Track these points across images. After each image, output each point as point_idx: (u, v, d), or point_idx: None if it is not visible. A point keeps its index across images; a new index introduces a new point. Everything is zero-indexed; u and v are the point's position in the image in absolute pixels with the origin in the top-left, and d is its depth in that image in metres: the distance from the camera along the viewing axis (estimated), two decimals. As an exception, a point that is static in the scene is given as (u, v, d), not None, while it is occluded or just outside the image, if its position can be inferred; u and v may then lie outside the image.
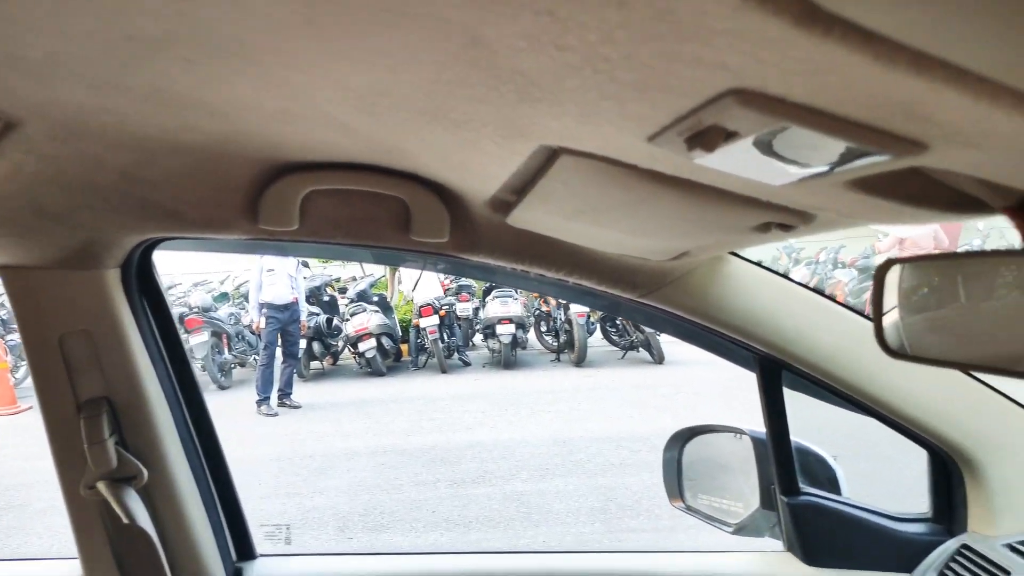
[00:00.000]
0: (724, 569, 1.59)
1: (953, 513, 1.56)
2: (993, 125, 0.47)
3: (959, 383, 1.48)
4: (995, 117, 0.45)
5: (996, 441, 1.48)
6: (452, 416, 8.48)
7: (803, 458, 1.62)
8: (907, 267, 0.74)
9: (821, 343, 1.46)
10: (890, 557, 1.55)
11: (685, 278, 1.40)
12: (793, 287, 1.48)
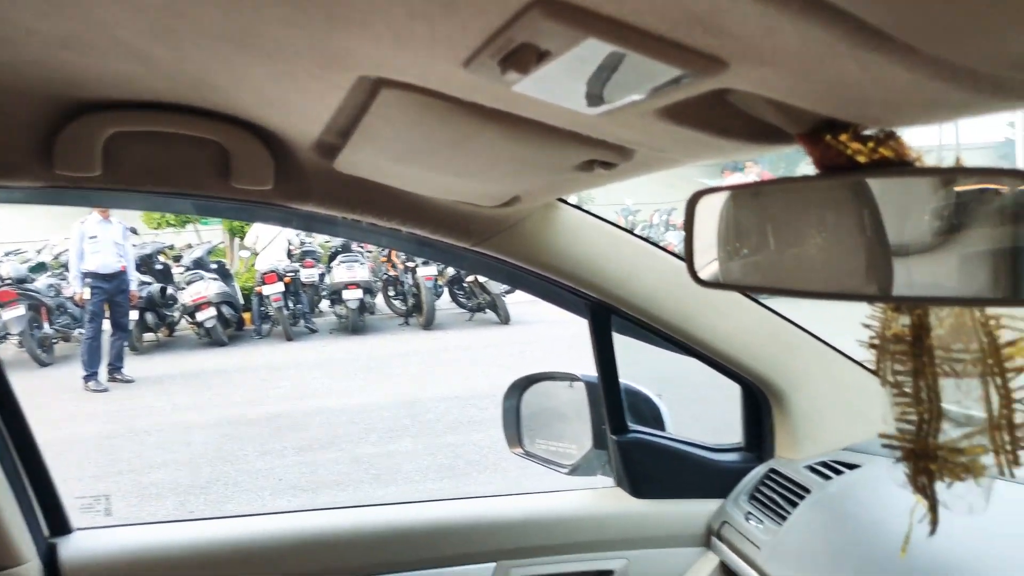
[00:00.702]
0: (560, 508, 1.65)
1: (762, 441, 1.69)
2: (784, 40, 0.49)
3: (766, 320, 1.59)
4: (785, 30, 0.48)
5: (798, 373, 1.61)
6: (299, 384, 8.28)
7: (631, 398, 1.70)
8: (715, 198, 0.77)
9: (646, 287, 1.53)
10: (709, 485, 1.67)
11: (517, 226, 1.42)
12: (620, 234, 1.54)
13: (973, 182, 0.58)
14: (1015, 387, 0.61)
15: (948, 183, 0.61)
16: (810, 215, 0.71)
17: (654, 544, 1.64)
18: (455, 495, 1.74)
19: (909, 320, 0.64)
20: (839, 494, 1.43)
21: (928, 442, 0.64)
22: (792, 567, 1.37)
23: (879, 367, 0.67)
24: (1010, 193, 0.55)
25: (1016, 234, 0.56)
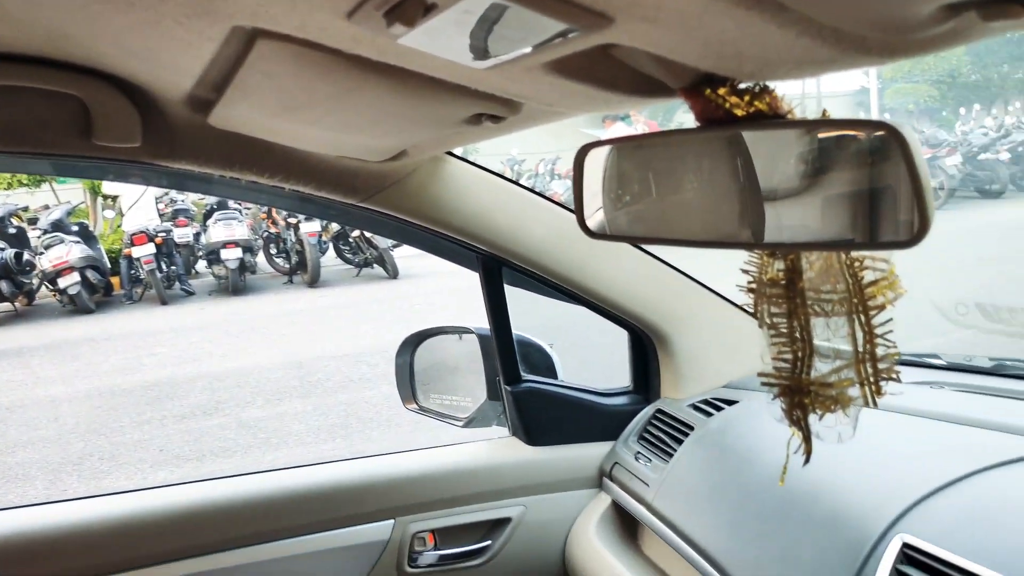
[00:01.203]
0: (456, 460, 1.68)
1: (649, 383, 1.76)
2: None
3: (651, 268, 1.65)
4: None
5: (681, 317, 1.68)
6: (177, 349, 7.95)
7: (524, 349, 1.73)
8: (603, 150, 0.79)
9: (535, 238, 1.55)
10: (600, 428, 1.73)
11: (405, 181, 1.40)
12: (509, 186, 1.55)
13: (843, 130, 0.62)
14: (877, 323, 0.66)
15: (815, 135, 0.64)
16: (690, 167, 0.73)
17: (550, 489, 1.69)
18: (349, 454, 1.73)
19: (783, 265, 0.68)
20: (720, 429, 1.51)
21: (802, 378, 0.69)
22: (679, 501, 1.45)
23: (757, 310, 0.71)
24: (866, 140, 0.59)
25: (872, 183, 0.60)
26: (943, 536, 1.01)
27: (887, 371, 0.66)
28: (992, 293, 6.08)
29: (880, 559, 1.03)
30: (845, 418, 0.69)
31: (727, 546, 1.28)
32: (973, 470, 1.12)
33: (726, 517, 1.33)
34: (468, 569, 1.64)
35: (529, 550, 1.67)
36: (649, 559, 1.57)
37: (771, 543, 1.20)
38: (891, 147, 0.57)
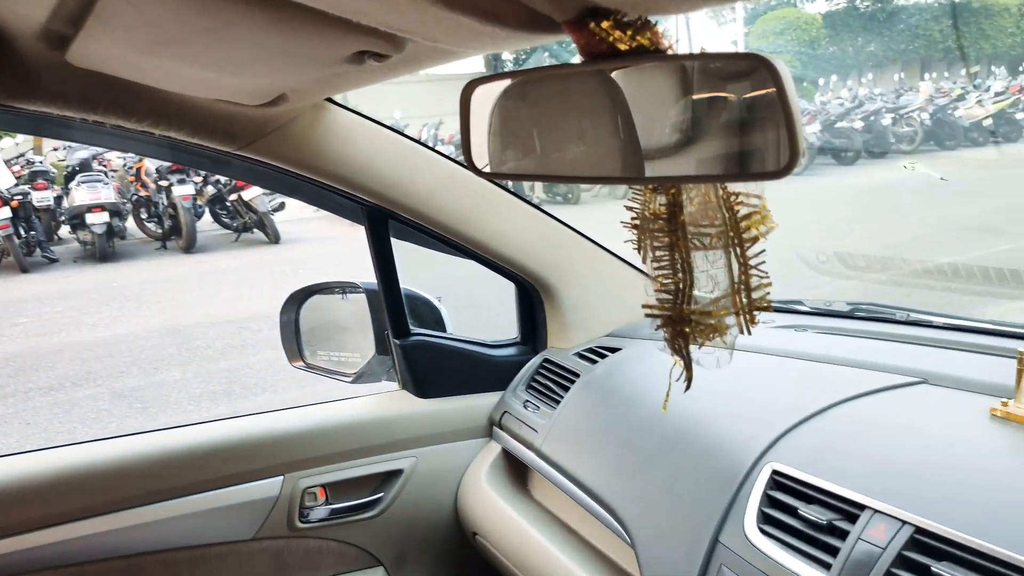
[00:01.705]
0: (346, 415, 1.66)
1: (536, 334, 1.80)
2: None
3: (537, 220, 1.67)
4: None
5: (566, 268, 1.72)
6: (41, 319, 7.46)
7: (412, 303, 1.73)
8: (490, 87, 0.78)
9: (422, 190, 1.54)
10: (490, 379, 1.76)
11: (286, 128, 1.36)
12: (395, 136, 1.52)
13: (718, 65, 0.64)
14: (751, 255, 0.69)
15: (694, 71, 0.66)
16: (575, 103, 0.74)
17: (440, 440, 1.71)
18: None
19: (665, 199, 0.71)
20: (605, 375, 1.56)
21: (683, 308, 0.72)
22: (566, 445, 1.50)
23: (640, 244, 0.73)
24: (741, 74, 0.62)
25: (747, 115, 0.63)
26: (807, 462, 1.09)
27: (760, 301, 0.70)
28: (849, 247, 6.51)
29: (753, 485, 1.10)
30: (723, 345, 0.73)
31: (612, 484, 1.33)
32: (832, 402, 1.21)
33: (611, 457, 1.38)
34: (361, 521, 1.64)
35: (421, 500, 1.68)
36: (539, 502, 1.62)
37: (653, 478, 1.26)
38: (764, 80, 0.60)
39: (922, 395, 1.24)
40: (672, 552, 1.14)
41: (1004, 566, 0.85)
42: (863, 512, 0.97)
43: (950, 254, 5.93)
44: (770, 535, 1.04)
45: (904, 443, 1.11)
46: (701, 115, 0.66)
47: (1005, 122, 12.81)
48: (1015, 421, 1.09)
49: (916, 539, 0.92)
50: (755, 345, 1.54)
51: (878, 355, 1.41)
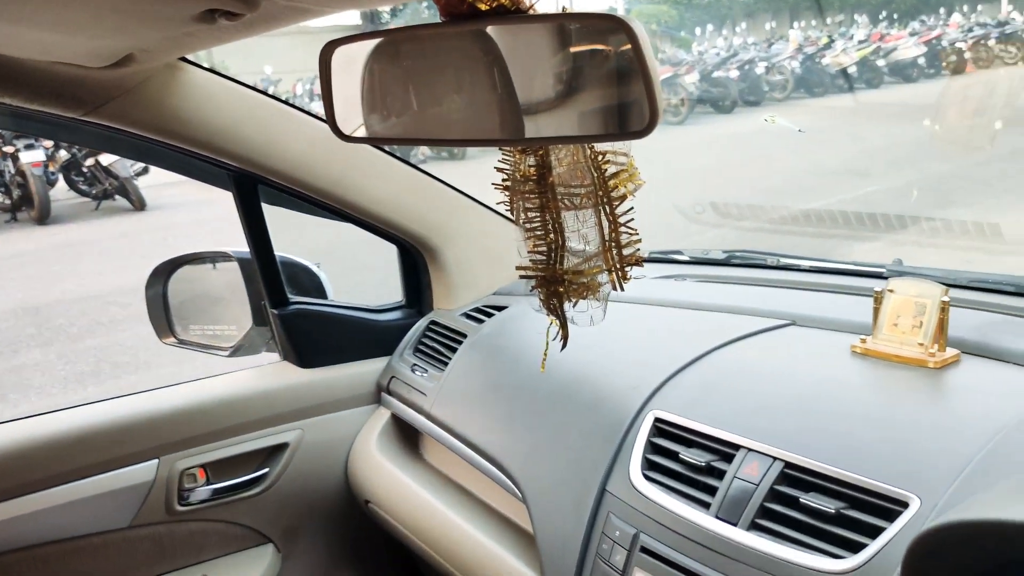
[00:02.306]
0: (225, 391, 1.60)
1: (421, 296, 1.78)
2: None
3: (416, 180, 1.64)
4: None
5: (448, 228, 1.70)
6: None
7: (289, 270, 1.67)
8: (352, 48, 0.75)
9: (292, 152, 1.48)
10: (375, 344, 1.73)
11: (137, 90, 1.27)
12: (259, 97, 1.45)
13: (580, 24, 0.64)
14: (620, 213, 0.70)
15: (557, 32, 0.66)
16: (443, 65, 0.72)
17: (327, 410, 1.67)
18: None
19: (534, 161, 0.70)
20: (491, 334, 1.57)
21: (556, 268, 0.72)
22: (456, 406, 1.50)
23: (512, 206, 0.73)
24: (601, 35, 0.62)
25: (607, 76, 0.63)
26: (687, 408, 1.13)
27: (631, 257, 0.71)
28: (725, 194, 6.77)
29: (637, 434, 1.14)
30: (596, 303, 0.74)
31: (502, 441, 1.34)
32: (709, 349, 1.26)
33: (500, 415, 1.39)
34: (247, 499, 1.59)
35: (310, 472, 1.65)
36: (431, 465, 1.62)
37: (542, 432, 1.28)
38: (622, 41, 0.60)
39: (790, 337, 1.31)
40: (561, 503, 1.17)
41: (863, 492, 0.91)
42: (738, 452, 1.02)
43: (821, 197, 6.27)
44: (654, 480, 1.08)
45: (774, 384, 1.17)
46: (566, 75, 0.65)
47: (868, 69, 13.52)
48: (873, 356, 1.17)
49: (786, 473, 0.98)
50: (637, 296, 1.58)
51: (751, 300, 1.47)
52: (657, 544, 1.02)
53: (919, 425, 1.01)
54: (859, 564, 0.86)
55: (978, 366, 1.12)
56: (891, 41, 13.73)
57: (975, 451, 0.90)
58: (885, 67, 13.27)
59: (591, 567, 1.09)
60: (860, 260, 1.63)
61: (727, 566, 0.95)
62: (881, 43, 13.84)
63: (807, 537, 0.92)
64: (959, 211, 5.33)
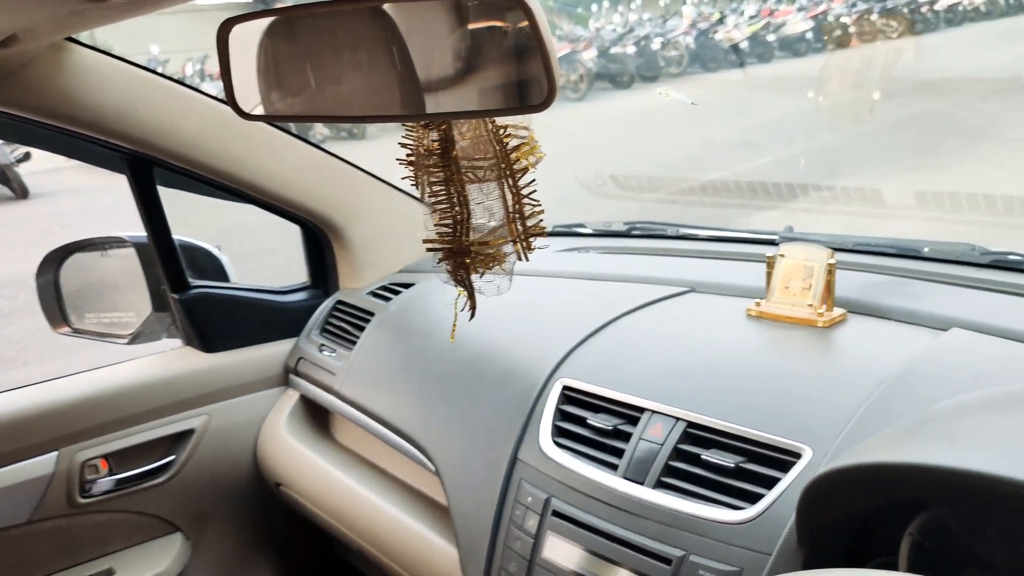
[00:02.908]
0: (126, 379, 1.55)
1: (327, 276, 1.76)
2: None
3: (317, 159, 1.62)
4: None
5: (351, 207, 1.69)
6: None
7: (188, 254, 1.62)
8: (250, 26, 0.74)
9: (187, 133, 1.44)
10: (281, 326, 1.71)
11: (21, 72, 1.21)
12: (151, 77, 1.40)
13: (477, 1, 0.65)
14: (523, 185, 0.72)
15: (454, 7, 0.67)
16: (340, 42, 0.72)
17: (234, 394, 1.64)
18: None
19: (437, 135, 0.71)
20: (399, 311, 1.57)
21: (462, 240, 0.73)
22: (366, 384, 1.50)
23: (417, 181, 0.74)
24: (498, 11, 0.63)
25: (505, 52, 0.65)
26: (593, 375, 1.17)
27: (535, 228, 0.73)
28: (626, 168, 6.91)
29: (546, 402, 1.17)
30: (502, 273, 0.75)
31: (414, 416, 1.35)
32: (613, 317, 1.30)
33: (411, 390, 1.40)
34: (153, 488, 1.55)
35: (218, 458, 1.62)
36: (343, 445, 1.62)
37: (453, 406, 1.30)
38: (519, 17, 0.61)
39: (690, 303, 1.37)
40: (474, 474, 1.19)
41: (760, 446, 0.97)
42: (643, 414, 1.07)
43: (716, 170, 6.47)
44: (563, 446, 1.11)
45: (675, 348, 1.22)
46: (465, 52, 0.66)
47: (759, 44, 13.92)
48: (767, 318, 1.23)
49: (689, 432, 1.03)
50: (542, 269, 1.61)
51: (652, 269, 1.52)
52: (568, 507, 1.06)
53: (810, 381, 1.08)
54: (757, 513, 0.92)
55: (863, 324, 1.20)
56: (780, 16, 14.19)
57: (861, 402, 0.97)
58: (775, 42, 13.71)
59: (505, 534, 1.11)
60: (755, 228, 1.71)
61: (635, 523, 0.99)
62: (771, 18, 14.28)
63: (709, 491, 0.97)
64: (845, 180, 5.62)
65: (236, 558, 1.70)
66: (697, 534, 0.94)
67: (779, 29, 13.72)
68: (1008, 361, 1.03)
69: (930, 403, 0.92)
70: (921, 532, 0.84)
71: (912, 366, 1.02)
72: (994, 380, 0.96)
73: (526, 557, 1.07)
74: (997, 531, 0.80)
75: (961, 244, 1.40)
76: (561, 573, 1.03)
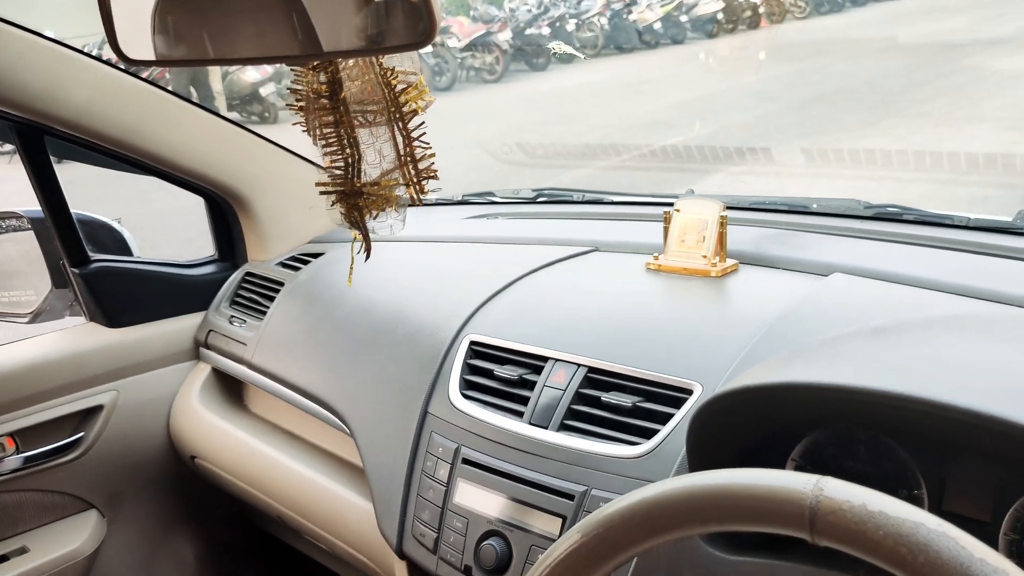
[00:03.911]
0: (25, 357, 1.50)
1: (234, 248, 1.74)
2: None
3: (219, 128, 1.60)
4: None
5: (257, 177, 1.67)
6: None
7: (87, 228, 1.58)
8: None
9: (80, 100, 1.40)
10: (189, 299, 1.68)
11: None
12: (35, 39, 1.35)
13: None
14: (413, 128, 0.74)
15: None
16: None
17: (143, 369, 1.61)
18: None
19: (325, 78, 0.72)
20: (309, 280, 1.57)
21: (354, 182, 0.75)
22: (278, 353, 1.50)
23: (308, 124, 0.75)
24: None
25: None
26: (499, 329, 1.20)
27: (427, 171, 0.75)
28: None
29: (455, 358, 1.20)
30: (396, 214, 0.77)
31: (326, 381, 1.36)
32: (519, 275, 1.34)
33: (323, 356, 1.41)
34: (64, 465, 1.52)
35: (130, 433, 1.59)
36: (257, 415, 1.61)
37: (364, 368, 1.31)
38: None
39: (593, 261, 1.41)
40: (387, 432, 1.21)
41: (656, 386, 1.02)
42: (547, 363, 1.11)
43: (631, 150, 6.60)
44: (472, 398, 1.15)
45: (577, 301, 1.26)
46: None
47: (672, 24, 14.14)
48: (664, 271, 1.29)
49: (589, 377, 1.07)
50: (450, 235, 1.64)
51: (557, 232, 1.56)
52: (477, 454, 1.09)
53: (702, 325, 1.14)
54: (653, 447, 0.97)
55: (754, 273, 1.27)
56: (692, -4, 14.45)
57: (747, 341, 1.02)
58: (688, 23, 13.97)
59: (418, 484, 1.14)
60: (656, 191, 1.77)
61: (540, 464, 1.03)
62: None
63: (609, 431, 1.01)
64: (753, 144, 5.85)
65: (154, 533, 1.67)
66: (598, 470, 0.99)
67: (691, 9, 13.97)
68: (882, 300, 1.11)
69: (810, 338, 0.98)
70: (803, 457, 0.90)
71: (795, 307, 1.09)
72: (869, 316, 1.03)
73: (438, 504, 1.10)
74: (865, 447, 0.87)
75: (847, 199, 1.49)
76: (472, 515, 1.06)
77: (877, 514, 0.49)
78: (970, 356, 0.82)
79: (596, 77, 11.59)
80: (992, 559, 0.46)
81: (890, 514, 0.49)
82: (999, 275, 1.14)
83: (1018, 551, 0.77)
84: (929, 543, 0.47)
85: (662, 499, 0.58)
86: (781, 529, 0.53)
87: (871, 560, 0.49)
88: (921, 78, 8.28)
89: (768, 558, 0.84)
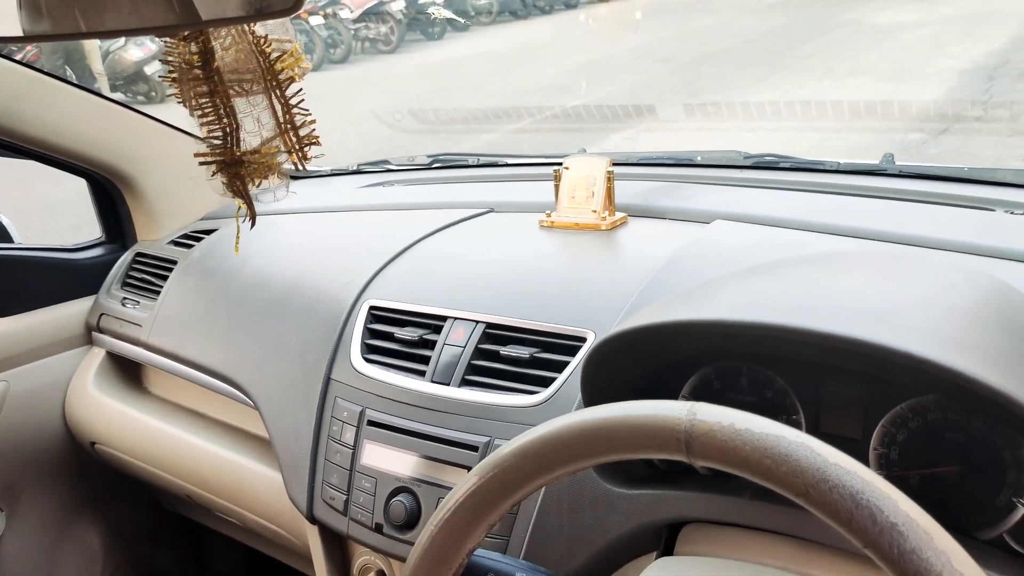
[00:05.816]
0: None
1: (123, 229, 1.69)
2: None
3: (98, 107, 1.54)
4: None
5: (142, 156, 1.62)
6: None
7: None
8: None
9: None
10: (77, 284, 1.63)
11: None
12: None
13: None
14: (291, 95, 0.74)
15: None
16: None
17: (32, 357, 1.56)
18: None
19: (197, 48, 0.72)
20: (203, 256, 1.54)
21: (234, 151, 0.75)
22: (175, 332, 1.47)
23: (183, 95, 0.74)
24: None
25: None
26: (397, 293, 1.22)
27: (308, 137, 0.76)
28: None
29: (355, 324, 1.21)
30: (279, 180, 0.78)
31: (227, 356, 1.35)
32: (415, 240, 1.35)
33: (222, 331, 1.39)
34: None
35: (24, 423, 1.54)
36: (156, 395, 1.59)
37: (265, 339, 1.31)
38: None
39: (489, 222, 1.44)
40: (291, 400, 1.22)
41: (551, 336, 1.06)
42: (446, 322, 1.13)
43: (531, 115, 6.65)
44: (374, 361, 1.16)
45: (474, 261, 1.29)
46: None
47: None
48: (557, 227, 1.33)
49: (488, 333, 1.10)
50: (346, 204, 1.64)
51: (453, 196, 1.58)
52: (381, 415, 1.11)
53: (594, 277, 1.18)
54: (551, 395, 1.01)
55: (642, 224, 1.32)
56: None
57: (636, 288, 1.08)
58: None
59: (325, 449, 1.16)
60: (551, 152, 1.80)
61: (443, 420, 1.06)
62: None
63: (509, 383, 1.05)
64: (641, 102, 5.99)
65: (57, 523, 1.63)
66: (500, 420, 1.02)
67: (581, -27, 13.99)
68: (760, 242, 1.18)
69: (694, 281, 1.04)
70: (692, 394, 0.96)
71: (679, 253, 1.14)
72: (748, 258, 1.09)
73: (346, 467, 1.12)
74: (747, 379, 0.94)
75: (729, 151, 1.56)
76: (380, 475, 1.08)
77: (744, 431, 0.54)
78: (834, 287, 0.89)
79: (492, 44, 11.55)
80: (845, 463, 0.52)
81: (755, 430, 0.54)
82: (866, 214, 1.23)
83: (887, 463, 0.85)
84: (789, 453, 0.52)
85: (552, 437, 0.61)
86: (662, 454, 0.57)
87: (743, 474, 0.54)
88: (805, 35, 8.62)
89: (662, 489, 0.89)
